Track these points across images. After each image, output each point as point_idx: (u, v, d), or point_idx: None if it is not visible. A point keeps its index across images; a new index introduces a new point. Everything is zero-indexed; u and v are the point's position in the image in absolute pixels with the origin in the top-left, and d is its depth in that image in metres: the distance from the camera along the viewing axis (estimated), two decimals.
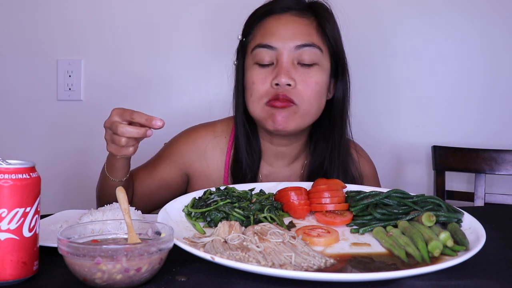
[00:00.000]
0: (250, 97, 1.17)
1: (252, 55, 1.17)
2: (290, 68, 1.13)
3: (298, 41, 1.14)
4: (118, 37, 1.98)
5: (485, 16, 1.89)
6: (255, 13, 1.22)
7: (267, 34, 1.15)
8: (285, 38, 1.14)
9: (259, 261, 0.71)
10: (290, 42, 1.14)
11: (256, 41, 1.17)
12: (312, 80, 1.15)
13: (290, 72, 1.13)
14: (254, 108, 1.17)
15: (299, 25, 1.15)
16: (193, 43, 1.95)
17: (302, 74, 1.14)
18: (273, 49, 1.14)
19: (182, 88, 1.99)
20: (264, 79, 1.15)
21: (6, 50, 2.01)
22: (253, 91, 1.16)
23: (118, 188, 0.77)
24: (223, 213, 0.90)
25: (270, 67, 1.15)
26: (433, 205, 0.91)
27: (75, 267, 0.64)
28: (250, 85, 1.17)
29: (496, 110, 1.91)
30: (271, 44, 1.14)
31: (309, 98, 1.15)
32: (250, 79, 1.17)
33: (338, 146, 1.21)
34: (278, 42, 1.14)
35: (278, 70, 1.13)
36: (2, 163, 0.68)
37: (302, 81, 1.14)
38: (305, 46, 1.14)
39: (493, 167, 1.75)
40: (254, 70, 1.16)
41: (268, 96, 1.14)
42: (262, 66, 1.16)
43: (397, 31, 1.92)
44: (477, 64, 1.90)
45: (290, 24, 1.15)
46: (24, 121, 2.02)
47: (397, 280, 0.68)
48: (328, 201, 0.96)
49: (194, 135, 1.29)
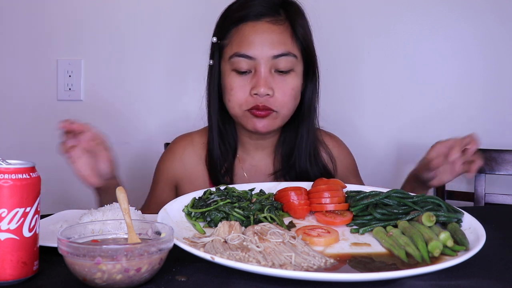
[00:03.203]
0: (228, 102, 1.21)
1: (230, 62, 1.19)
2: (268, 78, 1.17)
3: (275, 50, 1.16)
4: (118, 37, 1.98)
5: (485, 15, 1.89)
6: (228, 16, 1.23)
7: (244, 43, 1.17)
8: (262, 48, 1.16)
9: (259, 261, 0.71)
10: (268, 52, 1.16)
11: (233, 49, 1.18)
12: (289, 87, 1.19)
13: (268, 81, 1.17)
14: (234, 111, 1.22)
15: (275, 34, 1.17)
16: (197, 41, 1.95)
17: (279, 82, 1.18)
18: (251, 58, 1.17)
19: (182, 88, 1.99)
20: (243, 87, 1.18)
21: (6, 50, 2.01)
22: (231, 97, 1.20)
23: (118, 188, 0.77)
24: (223, 213, 0.90)
25: (248, 75, 1.19)
26: (433, 205, 0.91)
27: (75, 267, 0.64)
28: (229, 91, 1.20)
29: (496, 110, 1.91)
30: (249, 54, 1.16)
31: (287, 104, 1.20)
32: (228, 85, 1.20)
33: (306, 135, 1.27)
34: (256, 52, 1.16)
35: (256, 80, 1.16)
36: (2, 163, 0.68)
37: (279, 88, 1.18)
38: (282, 56, 1.17)
39: (493, 167, 1.75)
40: (232, 77, 1.19)
41: (248, 105, 1.19)
42: (240, 73, 1.19)
43: (398, 31, 1.92)
44: (477, 64, 1.90)
45: (266, 34, 1.17)
46: (24, 121, 2.02)
47: (397, 280, 0.68)
48: (328, 201, 0.96)
49: (173, 148, 1.36)
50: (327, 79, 1.32)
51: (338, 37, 1.92)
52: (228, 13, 1.24)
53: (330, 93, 1.47)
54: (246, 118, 1.20)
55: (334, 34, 1.91)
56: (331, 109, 1.42)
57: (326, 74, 1.31)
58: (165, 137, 1.79)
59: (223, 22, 1.24)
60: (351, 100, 1.95)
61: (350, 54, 1.94)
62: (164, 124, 1.99)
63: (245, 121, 1.21)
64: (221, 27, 1.24)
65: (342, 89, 1.93)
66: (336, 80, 1.89)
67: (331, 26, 1.89)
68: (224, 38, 1.21)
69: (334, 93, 1.86)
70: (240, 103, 1.19)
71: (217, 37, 1.23)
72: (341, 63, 1.92)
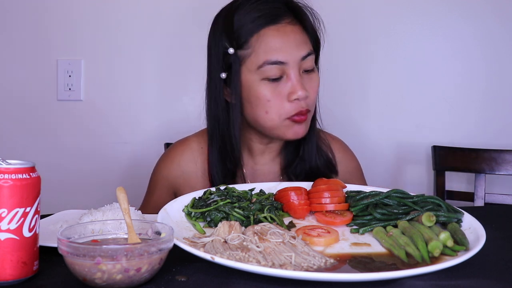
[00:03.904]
0: (266, 114, 1.15)
1: (259, 72, 1.13)
2: (301, 79, 1.15)
3: (303, 51, 1.14)
4: (118, 37, 1.98)
5: (485, 15, 1.89)
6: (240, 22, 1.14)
7: (273, 49, 1.12)
8: (292, 51, 1.13)
9: (259, 261, 0.71)
10: (297, 54, 1.13)
11: (261, 57, 1.13)
12: (315, 84, 1.19)
13: (303, 83, 1.15)
14: (273, 123, 1.16)
15: (297, 35, 1.15)
16: (197, 41, 1.94)
17: (308, 82, 1.17)
18: (282, 64, 1.13)
19: (183, 88, 1.99)
20: (279, 94, 1.14)
21: (6, 50, 2.01)
22: (269, 108, 1.14)
23: (118, 188, 0.77)
24: (223, 213, 0.90)
25: (280, 81, 1.14)
26: (433, 205, 0.91)
27: (75, 267, 0.64)
28: (265, 102, 1.14)
29: (496, 110, 1.91)
30: (281, 60, 1.12)
31: (315, 101, 1.20)
32: (263, 96, 1.14)
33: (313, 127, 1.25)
34: (287, 56, 1.12)
35: (293, 85, 1.13)
36: (2, 163, 0.68)
37: (310, 88, 1.16)
38: (308, 56, 1.15)
39: (493, 167, 1.75)
40: (266, 86, 1.14)
41: (289, 112, 1.14)
42: (272, 81, 1.14)
43: (398, 31, 1.92)
44: (477, 64, 1.90)
45: (291, 36, 1.14)
46: (24, 121, 2.02)
47: (397, 280, 0.68)
48: (328, 201, 0.96)
49: (170, 154, 1.33)
50: (327, 79, 1.32)
51: (337, 37, 1.91)
52: (239, 19, 1.15)
53: (329, 93, 1.47)
54: (285, 127, 1.16)
55: (334, 34, 1.90)
56: (331, 109, 1.42)
57: (327, 74, 1.31)
58: (165, 137, 1.79)
59: (236, 30, 1.14)
60: (351, 100, 1.95)
61: (350, 54, 1.93)
62: (164, 124, 1.99)
63: (284, 131, 1.17)
64: (236, 36, 1.14)
65: (342, 89, 1.93)
66: (336, 80, 1.89)
67: (331, 26, 1.89)
68: (243, 48, 1.14)
69: (334, 93, 1.86)
70: (280, 112, 1.14)
71: (234, 46, 1.14)
72: (340, 63, 1.92)
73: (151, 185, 1.34)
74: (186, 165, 1.29)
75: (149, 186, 1.35)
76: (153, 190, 1.33)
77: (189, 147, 1.31)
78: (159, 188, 1.31)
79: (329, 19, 1.27)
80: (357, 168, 1.38)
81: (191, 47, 1.96)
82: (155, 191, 1.32)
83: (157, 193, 1.31)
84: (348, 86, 1.94)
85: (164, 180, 1.31)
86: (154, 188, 1.32)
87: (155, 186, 1.33)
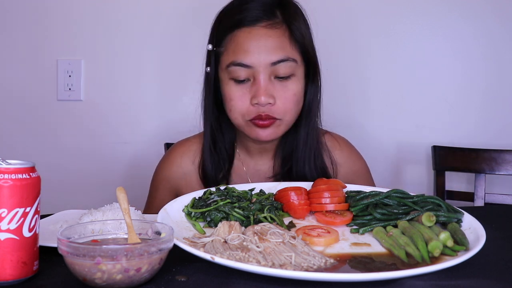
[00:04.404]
0: (230, 112, 1.17)
1: (227, 71, 1.14)
2: (268, 85, 1.12)
3: (273, 57, 1.11)
4: (118, 37, 1.98)
5: (485, 15, 1.89)
6: (222, 21, 1.18)
7: (240, 51, 1.12)
8: (259, 55, 1.11)
9: (259, 261, 0.71)
10: (265, 59, 1.11)
11: (230, 57, 1.13)
12: (290, 93, 1.15)
13: (268, 89, 1.12)
14: (237, 121, 1.18)
15: (272, 39, 1.12)
16: (197, 41, 1.94)
17: (280, 89, 1.14)
18: (248, 67, 1.12)
19: (183, 88, 1.99)
20: (242, 96, 1.14)
21: (6, 50, 2.02)
22: (232, 107, 1.16)
23: (118, 188, 0.77)
24: (223, 213, 0.90)
25: (247, 83, 1.14)
26: (433, 205, 0.91)
27: (75, 267, 0.64)
28: (228, 101, 1.16)
29: (496, 110, 1.91)
30: (246, 63, 1.11)
31: (289, 111, 1.16)
32: (227, 95, 1.16)
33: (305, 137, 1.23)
34: (253, 60, 1.11)
35: (256, 89, 1.12)
36: (2, 163, 0.68)
37: (280, 96, 1.14)
38: (281, 62, 1.12)
39: (493, 167, 1.75)
40: (230, 86, 1.15)
41: (250, 115, 1.14)
42: (238, 82, 1.14)
43: (398, 31, 1.92)
44: (477, 64, 1.90)
45: (262, 39, 1.11)
46: (24, 121, 2.02)
47: (397, 280, 0.68)
48: (328, 201, 0.96)
49: (172, 156, 1.32)
50: (327, 80, 1.31)
51: (337, 38, 1.92)
52: (222, 18, 1.18)
53: (329, 93, 1.47)
54: (249, 128, 1.17)
55: (334, 34, 1.91)
56: (331, 109, 1.42)
57: (327, 74, 1.30)
58: (165, 137, 1.79)
59: (217, 28, 1.18)
60: (351, 100, 1.95)
61: (349, 54, 1.93)
62: (164, 124, 1.99)
63: (248, 131, 1.17)
64: (216, 33, 1.18)
65: (341, 89, 1.93)
66: (336, 80, 1.89)
67: (331, 27, 1.89)
68: (219, 45, 1.16)
69: (334, 93, 1.86)
70: (242, 113, 1.15)
71: (213, 44, 1.17)
72: (340, 63, 1.92)
73: (153, 188, 1.34)
74: (186, 166, 1.29)
75: (151, 189, 1.35)
76: (155, 192, 1.32)
77: (189, 148, 1.31)
78: (161, 190, 1.31)
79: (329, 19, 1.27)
80: (363, 168, 1.37)
81: (191, 47, 1.95)
82: (157, 193, 1.31)
83: (159, 195, 1.30)
84: (348, 86, 1.94)
85: (166, 181, 1.31)
86: (156, 190, 1.32)
87: (157, 188, 1.32)
